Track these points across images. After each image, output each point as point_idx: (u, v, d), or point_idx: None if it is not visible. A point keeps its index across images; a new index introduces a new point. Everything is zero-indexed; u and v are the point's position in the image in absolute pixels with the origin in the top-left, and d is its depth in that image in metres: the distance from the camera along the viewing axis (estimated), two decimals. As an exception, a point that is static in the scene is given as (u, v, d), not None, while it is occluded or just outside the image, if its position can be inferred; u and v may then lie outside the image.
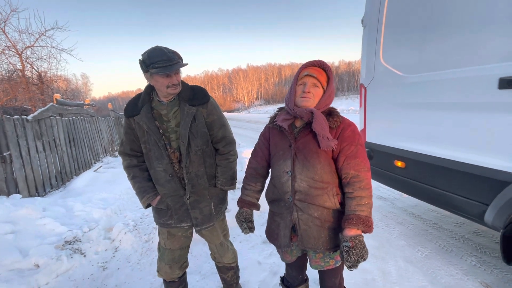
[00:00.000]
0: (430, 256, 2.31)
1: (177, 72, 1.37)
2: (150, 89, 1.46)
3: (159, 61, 1.28)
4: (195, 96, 1.47)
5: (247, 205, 1.40)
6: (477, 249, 2.37)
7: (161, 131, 1.44)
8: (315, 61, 1.20)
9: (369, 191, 1.13)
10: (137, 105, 1.44)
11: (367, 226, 1.08)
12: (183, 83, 1.49)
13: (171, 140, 1.45)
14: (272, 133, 1.33)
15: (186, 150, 1.44)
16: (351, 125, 1.20)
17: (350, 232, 1.09)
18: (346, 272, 1.45)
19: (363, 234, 1.10)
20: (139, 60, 1.33)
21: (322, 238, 1.20)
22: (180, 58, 1.38)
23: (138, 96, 1.48)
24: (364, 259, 1.07)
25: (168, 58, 1.30)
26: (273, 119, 1.33)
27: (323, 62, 1.19)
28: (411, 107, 2.17)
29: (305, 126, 1.22)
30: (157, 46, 1.35)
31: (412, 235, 2.67)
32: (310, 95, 1.17)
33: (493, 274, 2.03)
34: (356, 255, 1.05)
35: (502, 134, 1.55)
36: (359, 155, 1.15)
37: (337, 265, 1.29)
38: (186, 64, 1.37)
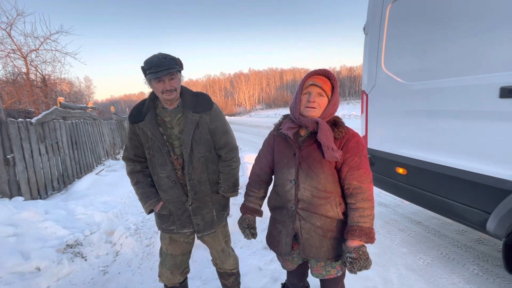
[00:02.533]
0: (432, 264, 2.30)
1: (172, 78, 1.36)
2: (154, 95, 1.48)
3: (152, 67, 1.31)
4: (198, 103, 1.48)
5: (250, 212, 1.41)
6: (479, 257, 2.35)
7: (165, 137, 1.45)
8: (319, 70, 1.22)
9: (371, 202, 1.14)
10: (142, 111, 1.46)
11: (370, 237, 1.10)
12: (186, 90, 1.51)
13: (174, 146, 1.47)
14: (276, 141, 1.34)
15: (189, 156, 1.45)
16: (355, 135, 1.21)
17: (353, 243, 1.10)
18: (347, 280, 1.45)
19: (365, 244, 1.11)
20: (141, 67, 1.38)
21: (324, 248, 1.21)
22: (178, 64, 1.38)
23: (143, 103, 1.50)
24: (367, 269, 1.08)
25: (160, 63, 1.31)
26: (278, 127, 1.34)
27: (327, 71, 1.21)
28: (413, 114, 2.18)
29: (310, 135, 1.23)
30: (156, 53, 1.38)
31: (414, 243, 2.66)
32: (315, 104, 1.18)
33: (495, 283, 2.01)
34: (359, 265, 1.07)
35: (503, 142, 1.55)
36: (362, 167, 1.16)
37: (339, 274, 1.29)
38: (175, 69, 1.33)
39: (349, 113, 23.66)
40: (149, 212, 1.54)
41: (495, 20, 1.58)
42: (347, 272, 1.33)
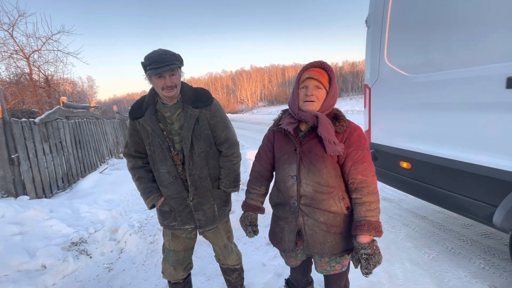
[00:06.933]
0: (437, 258, 2.28)
1: (173, 74, 1.35)
2: (154, 91, 1.47)
3: (152, 63, 1.30)
4: (198, 98, 1.47)
5: (252, 209, 1.39)
6: (486, 251, 2.33)
7: (165, 133, 1.44)
8: (315, 62, 1.18)
9: (377, 195, 1.13)
10: (142, 107, 1.45)
11: (378, 231, 1.08)
12: (186, 85, 1.50)
13: (174, 142, 1.46)
14: (276, 136, 1.32)
15: (189, 152, 1.44)
16: (357, 129, 1.19)
17: (365, 238, 1.08)
18: (351, 274, 1.43)
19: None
20: (141, 62, 1.36)
21: (328, 243, 1.19)
22: (178, 60, 1.37)
23: (143, 99, 1.49)
24: (380, 264, 1.07)
25: (161, 59, 1.30)
26: (277, 122, 1.32)
27: (323, 62, 1.17)
28: (417, 107, 2.15)
29: (311, 129, 1.20)
30: (157, 49, 1.36)
31: (419, 237, 2.63)
32: (313, 97, 1.16)
33: (502, 277, 1.99)
34: (375, 261, 1.05)
35: (510, 134, 1.52)
36: (365, 160, 1.14)
37: (343, 269, 1.28)
38: (175, 65, 1.32)
39: (352, 109, 23.51)
40: (151, 207, 1.54)
41: (500, 8, 1.54)
42: (354, 269, 1.31)
